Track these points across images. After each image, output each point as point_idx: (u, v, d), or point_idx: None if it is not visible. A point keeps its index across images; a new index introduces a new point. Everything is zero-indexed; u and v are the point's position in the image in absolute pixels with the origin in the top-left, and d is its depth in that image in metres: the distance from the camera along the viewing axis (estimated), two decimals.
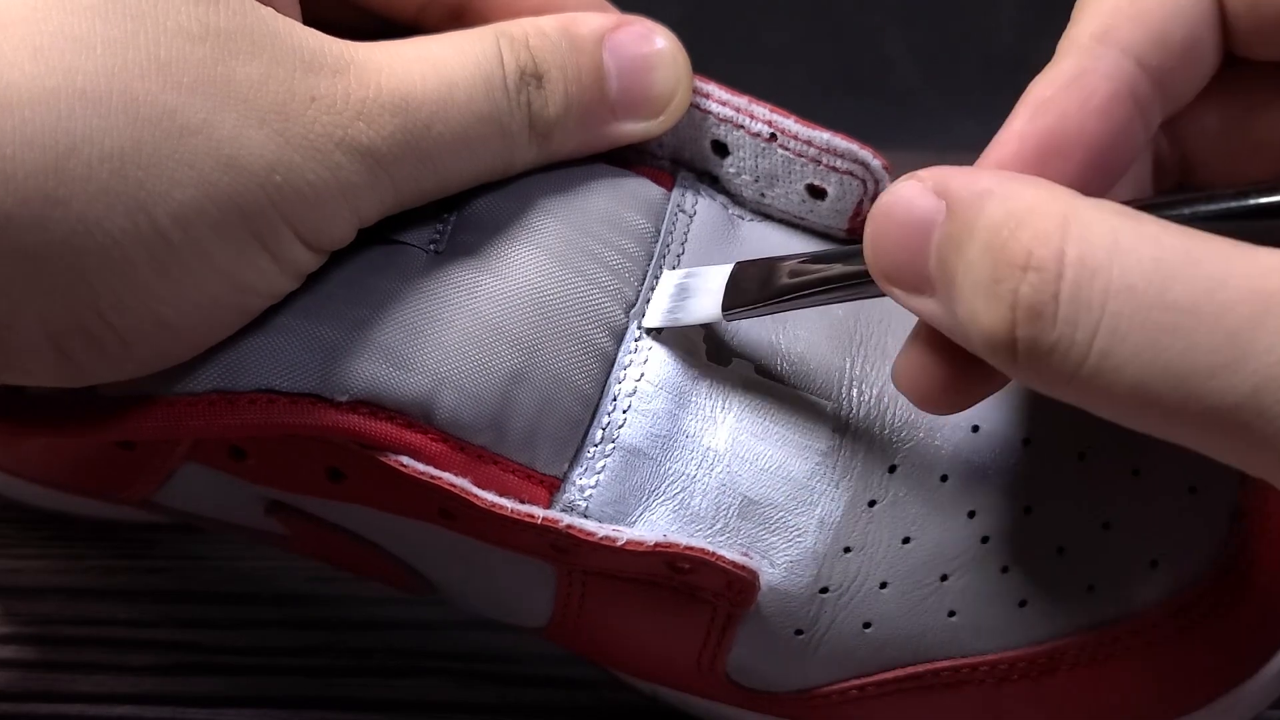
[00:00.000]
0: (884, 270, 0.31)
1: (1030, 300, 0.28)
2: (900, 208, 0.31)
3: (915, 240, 0.30)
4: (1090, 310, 0.27)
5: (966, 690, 0.37)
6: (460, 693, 0.43)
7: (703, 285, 0.36)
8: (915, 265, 0.30)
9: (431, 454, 0.34)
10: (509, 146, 0.35)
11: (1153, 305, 0.27)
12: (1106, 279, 0.27)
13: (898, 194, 0.31)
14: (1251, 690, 0.37)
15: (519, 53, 0.35)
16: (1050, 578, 0.36)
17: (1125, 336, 0.27)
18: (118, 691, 0.43)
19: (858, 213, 0.38)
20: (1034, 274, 0.28)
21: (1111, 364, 0.27)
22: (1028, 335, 0.28)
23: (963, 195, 0.30)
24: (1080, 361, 0.28)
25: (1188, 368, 0.27)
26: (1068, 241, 0.28)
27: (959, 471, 0.36)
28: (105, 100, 0.30)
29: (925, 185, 0.30)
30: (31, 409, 0.34)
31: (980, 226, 0.29)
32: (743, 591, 0.36)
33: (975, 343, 0.29)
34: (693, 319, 0.36)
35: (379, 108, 0.32)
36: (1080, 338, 0.27)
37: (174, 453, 0.37)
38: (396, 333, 0.34)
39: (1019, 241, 0.28)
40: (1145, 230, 0.28)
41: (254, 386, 0.33)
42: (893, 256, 0.31)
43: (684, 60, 0.37)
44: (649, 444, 0.35)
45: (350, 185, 0.32)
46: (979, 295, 0.29)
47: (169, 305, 0.31)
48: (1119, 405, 0.28)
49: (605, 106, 0.36)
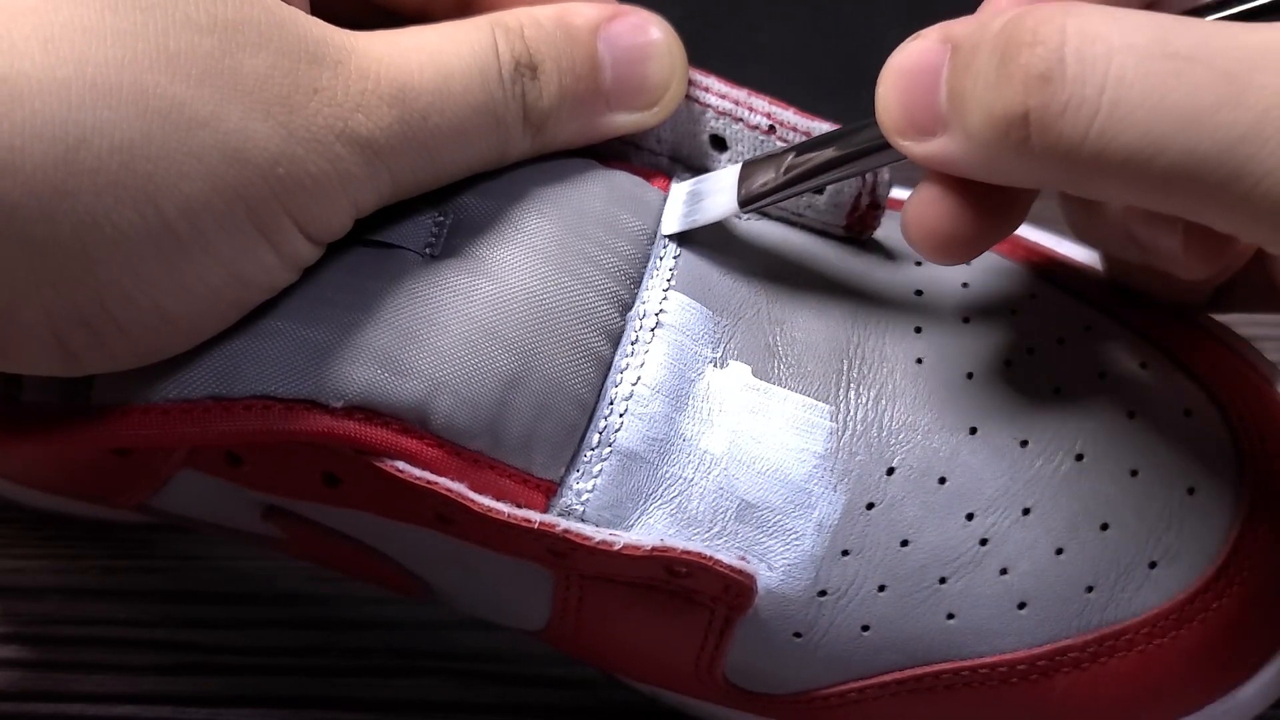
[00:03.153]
0: (895, 124, 0.33)
1: (1039, 67, 0.30)
2: (908, 59, 0.32)
3: (925, 82, 0.32)
4: (1096, 65, 0.29)
5: (966, 693, 0.37)
6: (460, 693, 0.43)
7: (714, 186, 0.37)
8: (926, 106, 0.32)
9: (427, 459, 0.34)
10: (503, 137, 0.35)
11: (1155, 55, 0.29)
12: (1108, 41, 0.29)
13: (905, 50, 0.33)
14: (1251, 691, 0.37)
15: (514, 43, 0.35)
16: (1049, 579, 0.36)
17: (1132, 84, 0.29)
18: (118, 691, 0.43)
19: (855, 207, 0.38)
20: (1040, 46, 0.30)
21: (1121, 114, 0.29)
22: (1039, 101, 0.30)
23: (967, 30, 0.32)
24: (1091, 118, 0.29)
25: (1191, 107, 0.29)
26: (1069, 16, 0.30)
27: (957, 473, 0.36)
28: (116, 92, 0.30)
29: (930, 38, 0.32)
30: (26, 417, 0.34)
31: (986, 39, 0.31)
32: (740, 595, 0.35)
33: (988, 138, 0.31)
34: (710, 217, 0.36)
35: (377, 99, 0.32)
36: (1089, 93, 0.29)
37: (169, 459, 0.37)
38: (392, 337, 0.34)
39: (1023, 27, 0.30)
40: (1137, 12, 0.30)
41: (249, 393, 0.33)
42: (904, 106, 0.33)
43: (680, 51, 0.37)
44: (646, 448, 0.35)
45: (350, 176, 0.32)
46: (990, 89, 0.30)
47: (172, 297, 0.32)
48: (1129, 165, 0.29)
49: (599, 97, 0.36)
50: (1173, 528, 0.36)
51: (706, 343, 0.36)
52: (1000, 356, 0.37)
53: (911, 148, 0.33)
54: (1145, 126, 0.29)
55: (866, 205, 0.38)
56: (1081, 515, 0.36)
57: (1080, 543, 0.36)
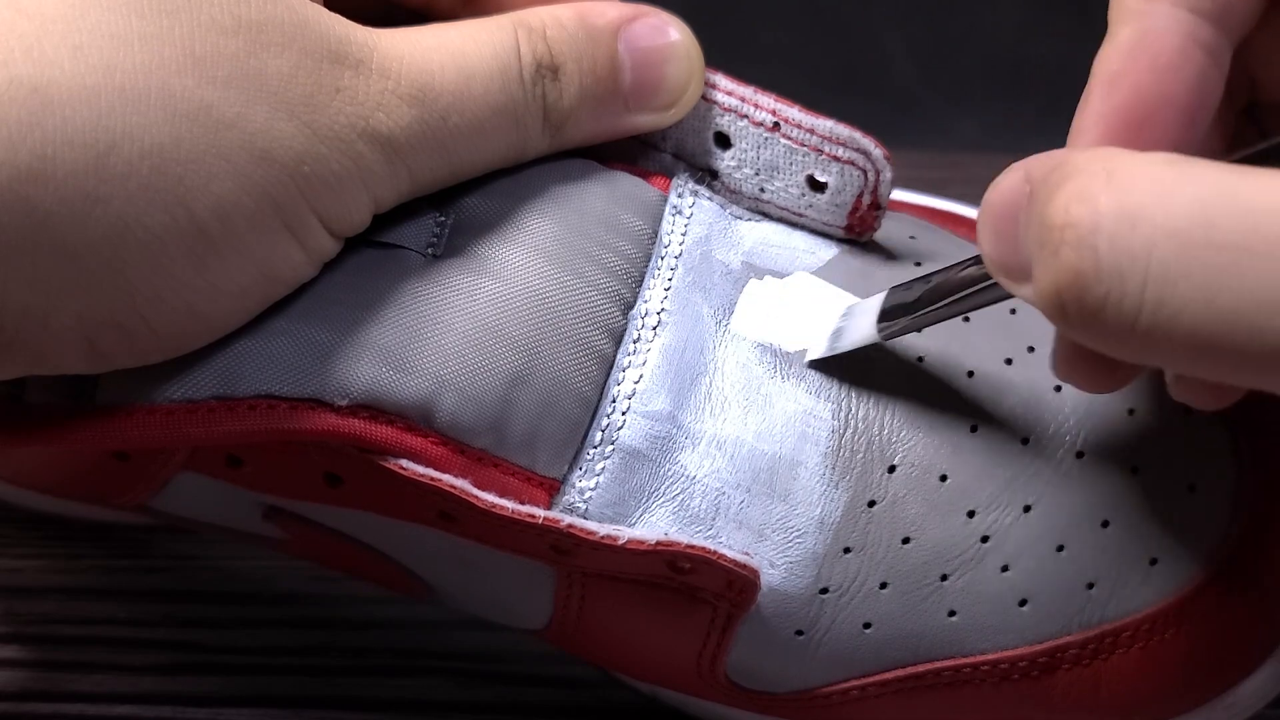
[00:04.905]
0: (993, 265, 0.31)
1: (1069, 259, 0.27)
2: (996, 197, 0.30)
3: (1009, 227, 0.30)
4: (1135, 259, 0.26)
5: (967, 690, 0.37)
6: (460, 693, 0.43)
7: (858, 310, 0.36)
8: (1013, 252, 0.30)
9: (432, 457, 0.34)
10: (522, 137, 0.35)
11: (1201, 245, 0.26)
12: (1150, 227, 0.26)
13: (997, 185, 0.31)
14: (1251, 688, 0.37)
15: (536, 44, 0.35)
16: (1050, 576, 0.36)
17: (1176, 282, 0.26)
18: (118, 691, 0.43)
19: (856, 207, 0.38)
20: (1070, 231, 0.27)
21: (1168, 312, 0.26)
22: (1073, 296, 0.27)
23: (1040, 173, 0.29)
24: (1135, 314, 0.27)
25: (1247, 306, 0.26)
26: (1108, 193, 0.27)
27: (958, 471, 0.36)
28: (144, 97, 0.30)
29: (1018, 173, 0.30)
30: (28, 418, 0.34)
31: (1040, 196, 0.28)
32: (744, 591, 0.36)
33: (1039, 308, 0.29)
34: (850, 344, 0.36)
35: (398, 99, 0.33)
36: (1130, 289, 0.27)
37: (170, 461, 0.37)
38: (396, 336, 0.34)
39: (1058, 202, 0.28)
40: (1187, 171, 0.27)
41: (253, 392, 0.33)
42: (997, 248, 0.30)
43: (697, 53, 0.37)
44: (648, 445, 0.35)
45: (371, 174, 0.33)
46: (1036, 265, 0.28)
47: (202, 296, 0.32)
48: (1183, 355, 0.27)
49: (618, 98, 0.36)
50: (1173, 525, 0.36)
51: (708, 341, 0.36)
52: (1001, 355, 0.37)
53: (1016, 289, 0.30)
54: (1194, 327, 0.26)
55: (868, 206, 0.38)
56: (1082, 513, 0.36)
57: (1081, 540, 0.36)
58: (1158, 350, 0.27)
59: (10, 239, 0.29)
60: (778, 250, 0.38)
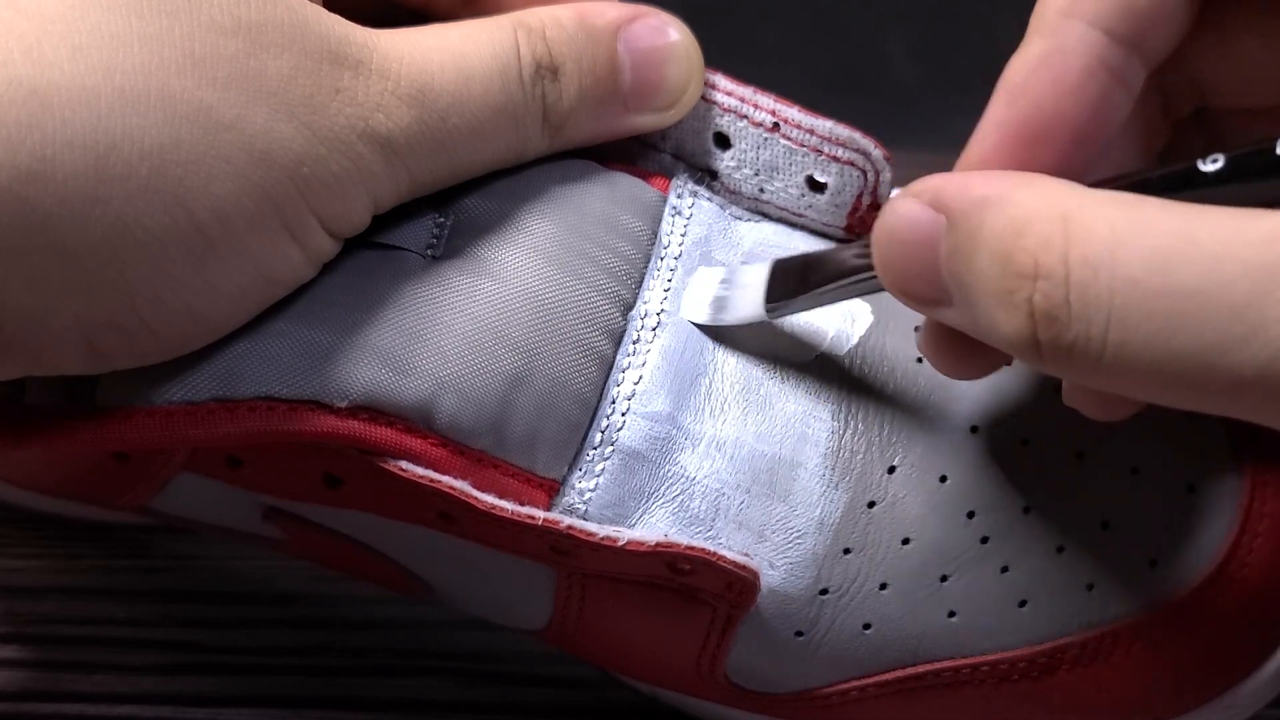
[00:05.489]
0: (899, 287, 0.32)
1: (1044, 307, 0.28)
2: (902, 227, 0.31)
3: (923, 256, 0.31)
4: (1099, 307, 0.28)
5: (967, 691, 0.37)
6: (460, 693, 0.43)
7: (741, 281, 0.36)
8: (928, 280, 0.31)
9: (431, 458, 0.34)
10: (522, 137, 0.35)
11: (1157, 293, 0.27)
12: (1110, 275, 0.28)
13: (898, 214, 0.31)
14: (1250, 688, 0.37)
15: (535, 45, 0.35)
16: (1050, 577, 0.36)
17: (1135, 326, 0.28)
18: (118, 691, 0.43)
19: (856, 207, 0.38)
20: (1043, 281, 0.28)
21: (1128, 353, 0.28)
22: (1048, 338, 0.29)
23: (960, 205, 0.30)
24: (1099, 354, 0.28)
25: (1200, 348, 0.27)
26: (1070, 243, 0.28)
27: (958, 472, 0.36)
28: (144, 98, 0.30)
29: (922, 200, 0.31)
30: (28, 419, 0.34)
31: (984, 237, 0.29)
32: (743, 592, 0.36)
33: (1002, 345, 0.30)
34: (736, 318, 0.36)
35: (397, 100, 0.33)
36: (1095, 333, 0.28)
37: (170, 462, 0.37)
38: (395, 337, 0.34)
39: (1024, 251, 0.29)
40: (1142, 217, 0.28)
41: (253, 394, 0.33)
42: (905, 275, 0.31)
43: (697, 54, 0.37)
44: (647, 446, 0.35)
45: (370, 174, 0.33)
46: (997, 305, 0.29)
47: (202, 297, 0.32)
48: (1145, 388, 0.29)
49: (618, 99, 0.36)
50: (1172, 526, 0.36)
51: (707, 342, 0.36)
52: None
53: (921, 309, 0.32)
54: (1153, 366, 0.28)
55: (867, 206, 0.38)
56: (1082, 514, 0.36)
57: (1081, 541, 0.36)
58: (1121, 383, 0.29)
59: (10, 240, 0.29)
60: (777, 250, 0.38)
